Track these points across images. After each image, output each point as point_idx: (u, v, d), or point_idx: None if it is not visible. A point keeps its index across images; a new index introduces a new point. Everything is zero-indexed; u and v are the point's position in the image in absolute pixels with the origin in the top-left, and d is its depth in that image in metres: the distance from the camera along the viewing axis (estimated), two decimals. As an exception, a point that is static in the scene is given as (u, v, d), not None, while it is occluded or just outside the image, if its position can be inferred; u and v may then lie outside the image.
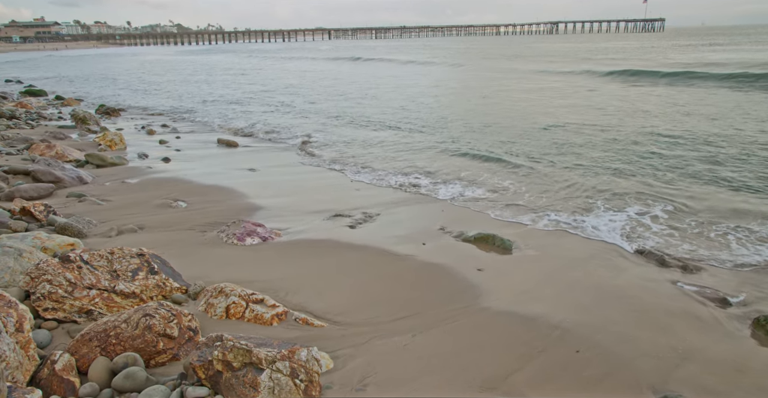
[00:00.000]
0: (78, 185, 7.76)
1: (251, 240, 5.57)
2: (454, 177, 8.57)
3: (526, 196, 7.47)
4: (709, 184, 7.75)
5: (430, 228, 6.17)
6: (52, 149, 9.50)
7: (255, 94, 23.49)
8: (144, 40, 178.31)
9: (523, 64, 35.93)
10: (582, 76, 25.76)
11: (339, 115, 16.25)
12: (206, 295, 4.07)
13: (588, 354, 3.54)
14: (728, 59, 29.86)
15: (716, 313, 4.17)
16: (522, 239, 5.78)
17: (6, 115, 14.44)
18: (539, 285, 4.64)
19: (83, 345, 3.13)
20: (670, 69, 24.88)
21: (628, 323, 3.97)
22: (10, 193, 6.66)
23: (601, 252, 5.45)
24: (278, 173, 9.01)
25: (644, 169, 8.72)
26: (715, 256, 5.34)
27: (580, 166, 9.01)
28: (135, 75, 38.14)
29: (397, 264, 5.05)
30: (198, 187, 7.83)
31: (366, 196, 7.50)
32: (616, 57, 38.73)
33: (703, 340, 3.75)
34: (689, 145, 10.35)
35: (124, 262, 4.05)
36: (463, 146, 10.95)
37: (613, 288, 4.58)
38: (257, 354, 2.85)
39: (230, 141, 11.83)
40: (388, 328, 3.85)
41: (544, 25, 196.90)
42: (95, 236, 5.56)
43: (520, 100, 18.29)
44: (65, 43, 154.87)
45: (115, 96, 23.70)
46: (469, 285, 4.63)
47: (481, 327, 3.90)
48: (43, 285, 3.65)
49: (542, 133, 12.06)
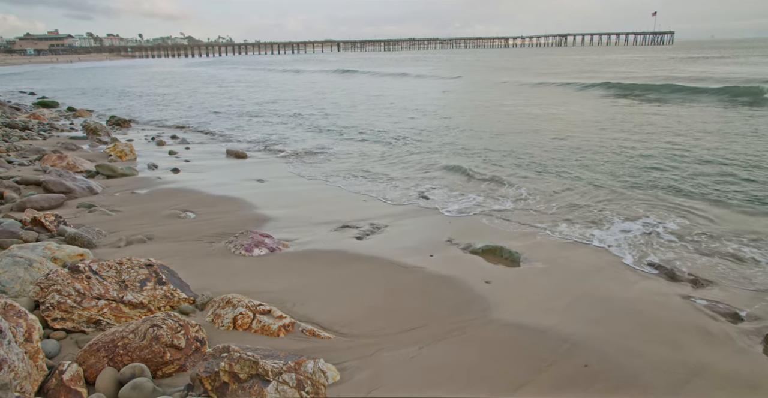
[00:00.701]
0: (88, 195, 7.84)
1: (259, 251, 5.59)
2: (462, 189, 8.57)
3: (535, 207, 7.45)
4: (722, 199, 7.68)
5: (438, 239, 6.16)
6: (64, 160, 9.61)
7: (264, 105, 23.69)
8: (155, 52, 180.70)
9: (534, 77, 36.02)
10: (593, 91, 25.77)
11: (346, 126, 16.34)
12: (213, 306, 4.08)
13: (597, 368, 3.50)
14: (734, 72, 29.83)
15: (727, 328, 4.12)
16: (530, 251, 5.75)
17: (19, 126, 14.65)
18: (548, 298, 4.60)
19: (91, 355, 3.14)
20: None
21: (637, 337, 3.93)
22: (21, 204, 6.73)
23: (610, 265, 5.41)
24: (286, 184, 9.05)
25: (653, 182, 8.68)
26: (726, 271, 5.29)
27: (587, 179, 8.98)
28: (146, 86, 38.61)
29: (404, 276, 5.04)
30: (207, 197, 7.88)
31: (373, 207, 7.51)
32: (624, 69, 38.78)
33: (713, 355, 3.71)
34: (698, 160, 10.30)
35: (133, 273, 4.08)
36: (470, 159, 10.96)
37: (623, 302, 4.54)
38: (264, 365, 2.84)
39: (239, 152, 11.91)
40: (395, 340, 3.84)
41: (553, 37, 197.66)
42: (104, 246, 5.60)
43: (526, 114, 18.32)
44: (78, 55, 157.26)
45: (126, 107, 23.99)
46: (476, 297, 4.61)
47: (489, 340, 3.87)
48: (53, 295, 3.68)
49: (549, 147, 12.05)
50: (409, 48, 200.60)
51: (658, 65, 42.66)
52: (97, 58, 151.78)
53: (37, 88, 37.99)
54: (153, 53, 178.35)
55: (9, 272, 4.00)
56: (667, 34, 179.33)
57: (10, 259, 4.13)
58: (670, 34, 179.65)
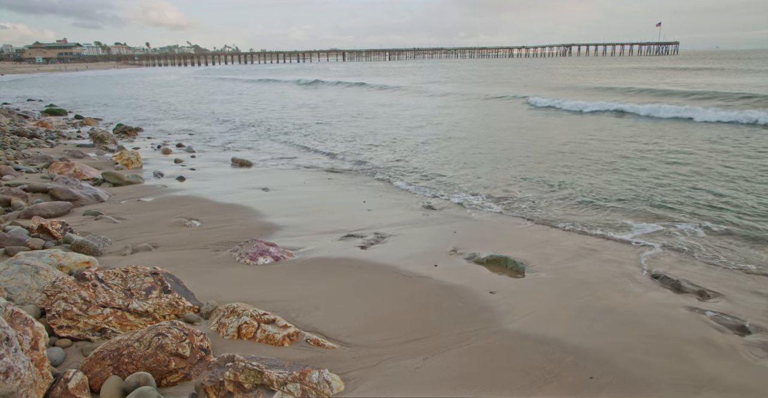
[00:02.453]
0: (95, 203, 7.88)
1: (263, 259, 5.60)
2: (467, 197, 8.58)
3: (540, 217, 7.44)
4: (731, 210, 7.66)
5: (442, 249, 6.15)
6: (71, 168, 9.68)
7: (270, 113, 23.81)
8: (162, 60, 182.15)
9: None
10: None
11: (351, 136, 16.40)
12: (218, 315, 4.08)
13: (603, 380, 3.48)
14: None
15: (734, 341, 4.09)
16: (535, 261, 5.73)
17: (27, 134, 14.78)
18: (553, 309, 4.59)
19: (96, 363, 3.15)
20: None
21: (643, 349, 3.90)
22: (28, 211, 6.78)
23: (616, 276, 5.38)
24: (291, 193, 9.07)
25: (658, 194, 8.66)
26: (733, 283, 5.26)
27: (590, 190, 8.97)
28: (153, 95, 38.89)
29: (408, 286, 5.03)
30: (212, 206, 7.91)
31: (378, 217, 7.51)
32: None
33: (721, 368, 3.67)
34: (705, 171, 10.28)
35: (138, 281, 4.09)
36: (475, 168, 10.98)
37: (628, 313, 4.51)
38: (269, 375, 2.84)
39: (244, 160, 11.96)
40: (400, 351, 3.83)
41: (557, 47, 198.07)
42: (110, 254, 5.62)
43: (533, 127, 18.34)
44: (86, 63, 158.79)
45: (133, 115, 24.17)
46: (481, 307, 4.59)
47: (493, 350, 3.86)
48: (59, 303, 3.69)
49: (555, 159, 12.06)
50: (414, 57, 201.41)
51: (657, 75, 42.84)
52: (105, 66, 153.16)
53: (45, 95, 38.34)
54: (160, 62, 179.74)
55: (16, 279, 4.03)
56: (672, 44, 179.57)
57: (17, 267, 4.15)
58: (675, 45, 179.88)
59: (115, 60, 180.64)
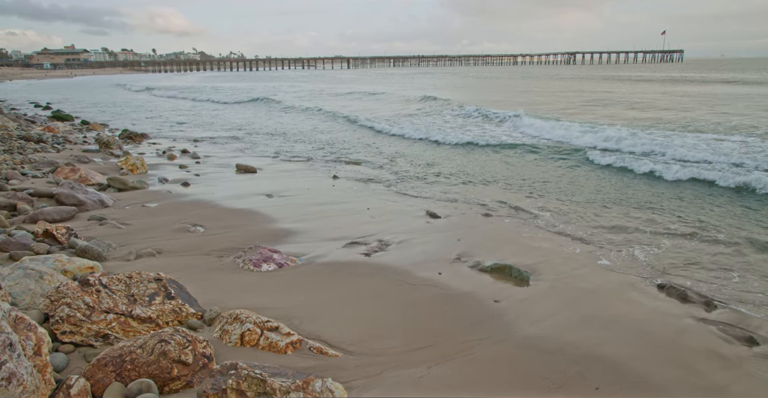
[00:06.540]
0: (99, 208, 7.90)
1: (267, 266, 5.59)
2: (471, 204, 8.55)
3: (543, 225, 7.41)
4: (737, 218, 7.62)
5: (446, 257, 6.13)
6: (76, 173, 9.72)
7: (274, 119, 23.89)
8: (168, 66, 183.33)
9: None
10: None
11: (354, 145, 16.43)
12: (221, 322, 4.07)
13: (608, 391, 3.44)
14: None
15: (742, 352, 4.05)
16: (540, 270, 5.70)
17: (34, 139, 14.86)
18: (557, 319, 4.55)
19: (99, 369, 3.13)
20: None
21: (649, 359, 3.87)
22: (34, 216, 6.80)
23: (621, 285, 5.35)
24: (295, 200, 9.07)
25: (663, 203, 8.62)
26: (740, 294, 5.21)
27: (595, 199, 8.94)
28: (158, 101, 39.09)
29: (412, 294, 5.01)
30: (216, 211, 7.92)
31: (382, 224, 7.50)
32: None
33: (728, 379, 3.64)
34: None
35: (142, 287, 4.09)
36: (480, 176, 10.96)
37: (634, 323, 4.48)
38: (272, 384, 2.82)
39: (249, 167, 11.98)
40: (403, 359, 3.80)
41: (562, 55, 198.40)
42: (114, 259, 5.63)
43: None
44: (93, 69, 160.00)
45: (139, 121, 24.29)
46: (485, 316, 4.57)
47: (497, 360, 3.83)
48: (62, 308, 3.69)
49: (560, 170, 12.03)
50: (419, 64, 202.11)
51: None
52: (111, 72, 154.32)
53: (52, 100, 38.60)
54: (166, 68, 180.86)
55: (20, 284, 4.03)
56: (677, 52, 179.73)
57: (22, 271, 4.16)
58: (680, 53, 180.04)
59: (121, 66, 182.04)
